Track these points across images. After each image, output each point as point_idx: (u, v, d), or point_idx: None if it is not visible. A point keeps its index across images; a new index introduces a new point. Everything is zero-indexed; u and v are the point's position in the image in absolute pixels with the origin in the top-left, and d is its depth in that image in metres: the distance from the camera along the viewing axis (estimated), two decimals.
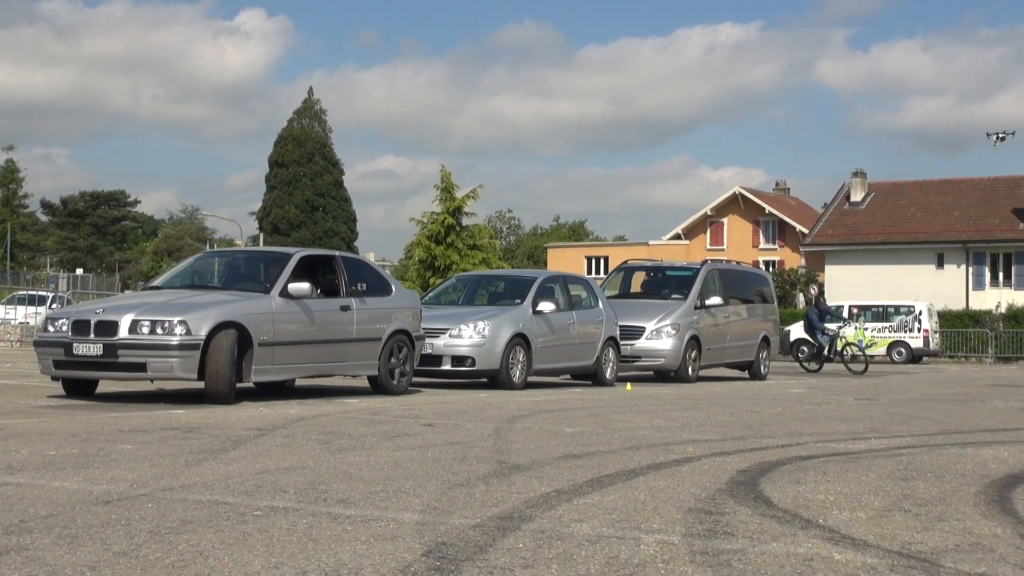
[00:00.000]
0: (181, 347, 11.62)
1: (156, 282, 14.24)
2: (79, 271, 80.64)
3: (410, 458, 7.34)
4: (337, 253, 14.67)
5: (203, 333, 11.69)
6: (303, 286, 12.99)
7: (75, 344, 11.84)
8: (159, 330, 11.67)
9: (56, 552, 4.27)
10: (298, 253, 13.77)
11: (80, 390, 12.52)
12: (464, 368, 16.26)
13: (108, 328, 11.80)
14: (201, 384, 12.12)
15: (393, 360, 14.42)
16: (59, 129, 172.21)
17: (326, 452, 7.58)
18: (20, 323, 36.26)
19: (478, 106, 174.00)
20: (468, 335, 16.27)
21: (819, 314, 28.79)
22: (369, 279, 14.55)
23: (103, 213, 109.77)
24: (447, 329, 16.38)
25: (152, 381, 13.04)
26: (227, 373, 11.83)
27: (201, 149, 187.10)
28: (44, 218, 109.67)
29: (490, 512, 5.27)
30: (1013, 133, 60.50)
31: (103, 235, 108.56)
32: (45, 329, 12.44)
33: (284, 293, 12.85)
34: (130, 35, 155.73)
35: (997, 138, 59.64)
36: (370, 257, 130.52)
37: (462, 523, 4.98)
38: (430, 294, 19.38)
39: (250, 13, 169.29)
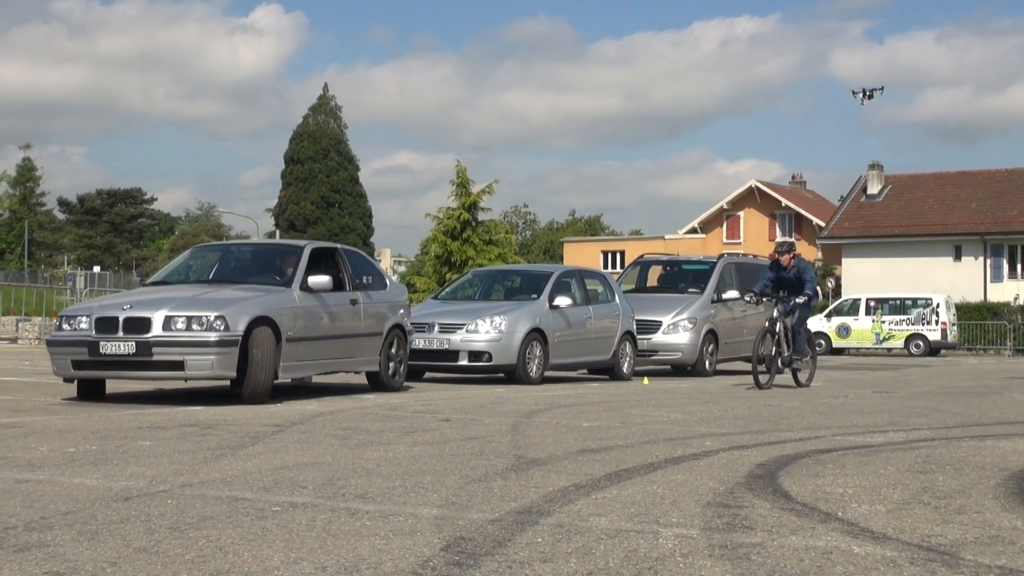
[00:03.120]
0: (221, 343, 11.13)
1: (156, 278, 13.60)
2: (96, 269, 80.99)
3: (428, 453, 7.34)
4: (339, 246, 14.28)
5: (241, 328, 11.25)
6: (323, 279, 12.65)
7: (102, 343, 11.20)
8: (195, 326, 11.14)
9: (77, 548, 4.29)
10: (309, 245, 13.42)
11: (92, 392, 11.96)
12: (481, 363, 16.26)
13: (140, 325, 11.19)
14: (216, 383, 11.97)
15: (391, 355, 14.14)
16: (74, 127, 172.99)
17: (344, 448, 7.59)
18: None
19: (491, 101, 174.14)
20: (485, 330, 16.27)
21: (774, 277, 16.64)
22: (369, 273, 14.23)
23: (120, 211, 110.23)
24: (464, 324, 16.39)
25: (186, 380, 12.44)
26: (270, 370, 11.49)
27: (215, 146, 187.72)
28: (61, 216, 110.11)
29: (508, 507, 5.28)
30: (882, 89, 59.08)
31: (120, 232, 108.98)
32: (60, 328, 11.74)
33: (304, 287, 12.50)
34: (144, 33, 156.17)
35: (864, 95, 58.04)
36: (386, 253, 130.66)
37: (480, 518, 4.99)
38: (446, 289, 19.40)
39: (266, 9, 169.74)
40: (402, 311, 14.66)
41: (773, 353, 16.07)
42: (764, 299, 16.52)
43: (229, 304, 11.46)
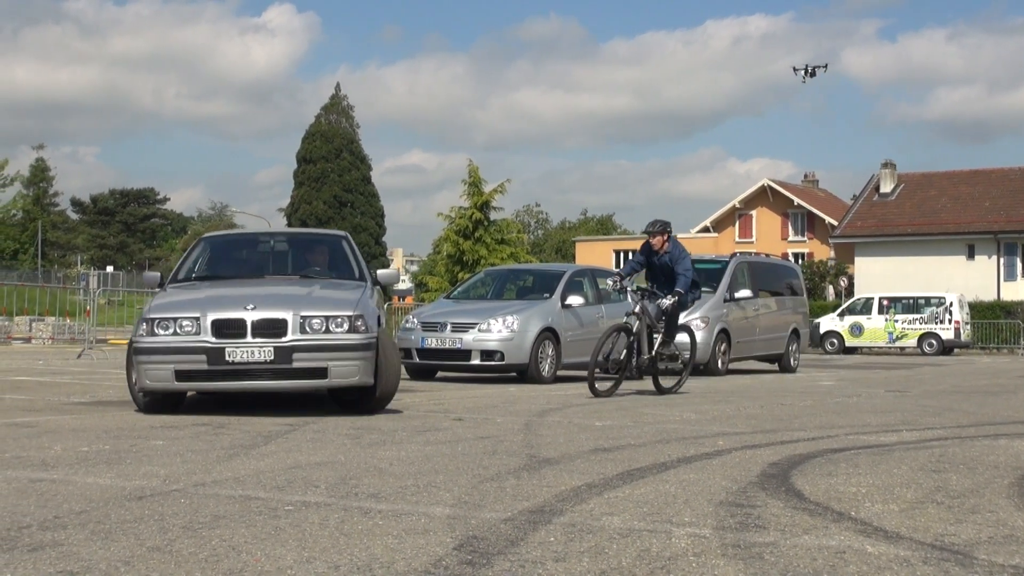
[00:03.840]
0: (365, 347, 9.90)
1: (185, 273, 11.63)
2: (109, 269, 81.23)
3: (440, 452, 7.35)
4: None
5: (375, 329, 10.11)
6: (392, 272, 11.60)
7: (228, 349, 9.66)
8: (334, 327, 9.83)
9: (90, 547, 4.30)
10: (347, 235, 12.34)
11: (167, 406, 10.24)
12: (493, 362, 16.27)
13: (273, 327, 9.74)
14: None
15: None
16: (86, 127, 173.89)
17: (357, 447, 7.60)
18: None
19: (502, 100, 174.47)
20: (497, 329, 16.28)
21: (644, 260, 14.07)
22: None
23: (133, 211, 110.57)
24: (476, 324, 16.40)
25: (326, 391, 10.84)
26: (398, 372, 10.49)
27: (227, 146, 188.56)
28: (74, 216, 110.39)
29: (521, 506, 5.28)
30: (825, 67, 56.91)
31: (133, 233, 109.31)
32: (152, 332, 9.84)
33: (375, 281, 11.30)
34: (156, 33, 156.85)
35: (806, 73, 55.74)
36: (398, 252, 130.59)
37: (493, 517, 4.99)
38: (458, 289, 19.42)
39: (279, 9, 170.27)
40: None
41: (623, 356, 13.23)
42: (628, 288, 13.52)
43: (357, 303, 10.21)
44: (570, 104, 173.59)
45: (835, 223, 62.02)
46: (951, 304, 40.69)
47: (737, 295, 21.29)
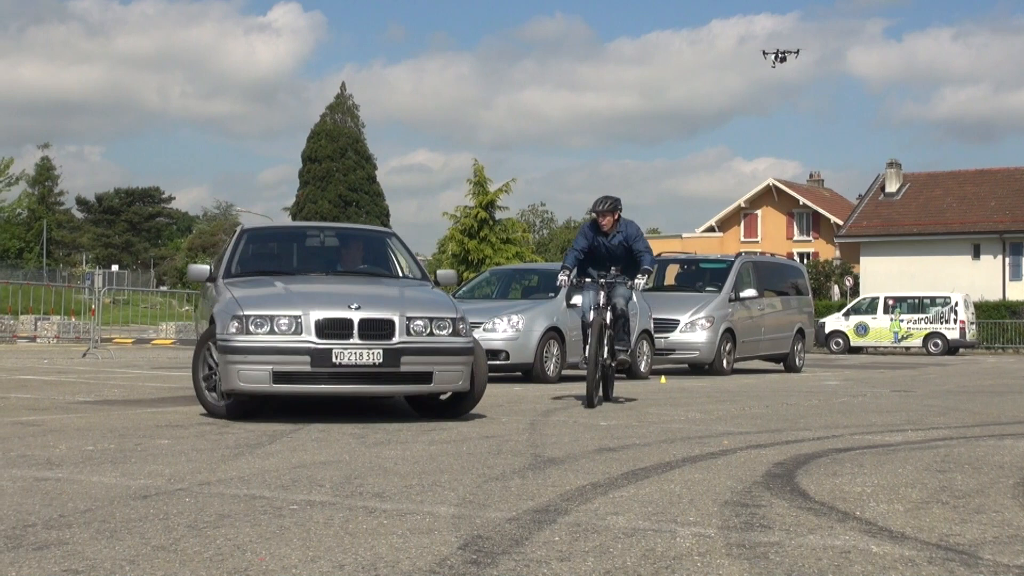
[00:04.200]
0: (467, 351, 9.59)
1: (237, 268, 10.79)
2: (114, 267, 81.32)
3: (445, 452, 7.35)
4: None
5: (472, 333, 9.87)
6: (451, 273, 11.31)
7: (336, 350, 9.08)
8: (437, 329, 9.43)
9: (95, 546, 4.30)
10: (394, 232, 12.04)
11: (245, 411, 9.61)
12: (498, 362, 16.25)
13: (381, 328, 9.24)
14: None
15: None
16: (91, 127, 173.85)
17: (361, 446, 7.60)
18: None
19: (508, 100, 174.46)
20: (502, 329, 16.28)
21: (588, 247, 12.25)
22: None
23: (138, 210, 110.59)
24: (481, 323, 16.39)
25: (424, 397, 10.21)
26: (487, 376, 10.14)
27: (233, 145, 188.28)
28: (79, 215, 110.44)
29: (525, 505, 5.28)
30: (797, 52, 55.48)
31: (138, 232, 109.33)
32: (246, 330, 9.16)
33: (436, 283, 11.04)
34: (162, 32, 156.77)
35: (776, 57, 54.11)
36: None
37: (498, 516, 4.99)
38: (464, 288, 19.41)
39: (284, 8, 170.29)
40: None
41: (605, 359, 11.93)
42: (576, 279, 12.11)
43: (455, 304, 9.91)
44: (575, 103, 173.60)
45: (840, 223, 62.00)
46: (956, 304, 40.62)
47: (742, 295, 21.28)
